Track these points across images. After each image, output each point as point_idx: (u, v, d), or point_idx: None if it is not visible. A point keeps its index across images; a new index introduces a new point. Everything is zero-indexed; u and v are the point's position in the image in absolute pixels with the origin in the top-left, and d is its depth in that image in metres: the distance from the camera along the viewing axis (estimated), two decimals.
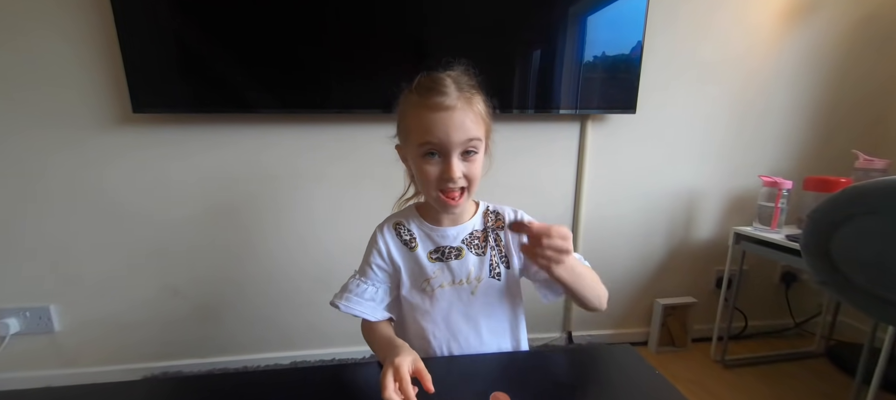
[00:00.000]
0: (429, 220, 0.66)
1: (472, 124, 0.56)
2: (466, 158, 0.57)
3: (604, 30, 1.25)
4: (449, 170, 0.56)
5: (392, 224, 0.68)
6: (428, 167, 0.57)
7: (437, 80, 0.56)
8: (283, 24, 1.14)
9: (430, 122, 0.54)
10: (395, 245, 0.66)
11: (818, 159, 1.50)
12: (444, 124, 0.54)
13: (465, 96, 0.56)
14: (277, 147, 1.27)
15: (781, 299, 1.62)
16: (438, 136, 0.54)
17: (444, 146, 0.55)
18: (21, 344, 1.29)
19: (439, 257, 0.64)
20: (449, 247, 0.64)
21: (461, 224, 0.65)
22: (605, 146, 1.41)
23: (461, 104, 0.55)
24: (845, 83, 1.45)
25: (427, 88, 0.55)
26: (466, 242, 0.65)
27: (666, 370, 1.39)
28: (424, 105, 0.55)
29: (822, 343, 1.51)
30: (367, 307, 0.63)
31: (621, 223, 1.48)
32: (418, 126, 0.56)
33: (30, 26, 1.10)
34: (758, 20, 1.37)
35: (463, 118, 0.55)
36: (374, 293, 0.65)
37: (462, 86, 0.56)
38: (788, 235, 1.22)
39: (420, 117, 0.55)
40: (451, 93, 0.54)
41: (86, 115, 1.17)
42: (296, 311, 1.39)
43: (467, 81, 0.58)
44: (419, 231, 0.66)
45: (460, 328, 0.65)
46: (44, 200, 1.21)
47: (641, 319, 1.59)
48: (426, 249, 0.65)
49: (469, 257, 0.64)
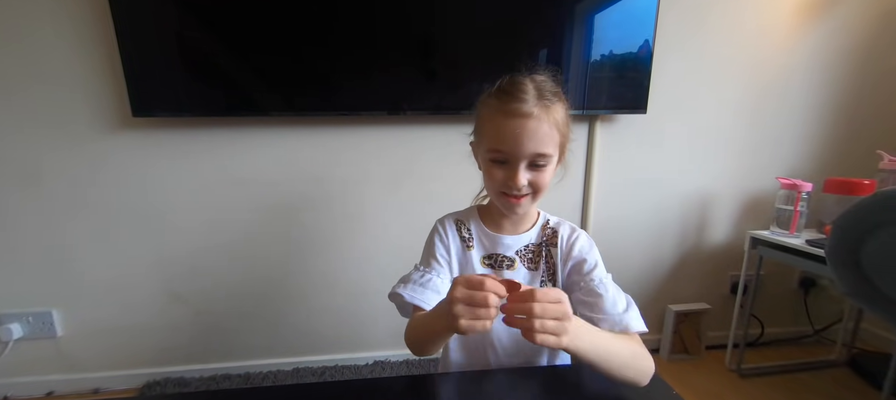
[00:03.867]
0: (488, 224, 0.66)
1: (546, 136, 0.54)
2: (535, 168, 0.56)
3: (612, 28, 1.22)
4: (514, 177, 0.55)
5: (453, 219, 0.67)
6: (495, 171, 0.57)
7: (518, 84, 0.55)
8: (288, 24, 1.12)
9: (503, 129, 0.54)
10: (454, 240, 0.65)
11: (839, 160, 1.43)
12: (517, 132, 0.53)
13: (545, 105, 0.54)
14: (281, 150, 1.25)
15: (800, 305, 1.56)
16: (509, 144, 0.54)
17: (512, 156, 0.55)
18: (24, 349, 1.28)
19: (491, 264, 0.64)
20: (503, 255, 0.64)
21: (519, 234, 0.64)
22: (614, 147, 1.37)
23: (538, 112, 0.53)
24: (867, 80, 1.39)
25: (506, 93, 0.55)
26: (521, 253, 0.64)
27: (679, 380, 1.36)
28: (501, 110, 0.54)
29: (843, 352, 1.44)
30: (432, 298, 0.59)
31: (631, 226, 1.44)
32: (492, 130, 0.56)
33: (27, 27, 1.09)
34: (774, 15, 1.32)
35: (537, 128, 0.53)
36: (439, 284, 0.62)
37: (543, 93, 0.55)
38: (809, 239, 1.16)
39: (495, 121, 0.55)
40: (529, 100, 0.53)
41: (87, 119, 1.16)
42: (299, 316, 1.36)
43: (551, 88, 0.56)
44: (477, 233, 0.65)
45: (501, 340, 0.63)
46: (46, 205, 1.20)
47: (653, 325, 1.54)
48: (481, 253, 0.64)
49: (520, 270, 0.63)
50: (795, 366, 1.41)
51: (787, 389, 1.30)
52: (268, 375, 1.37)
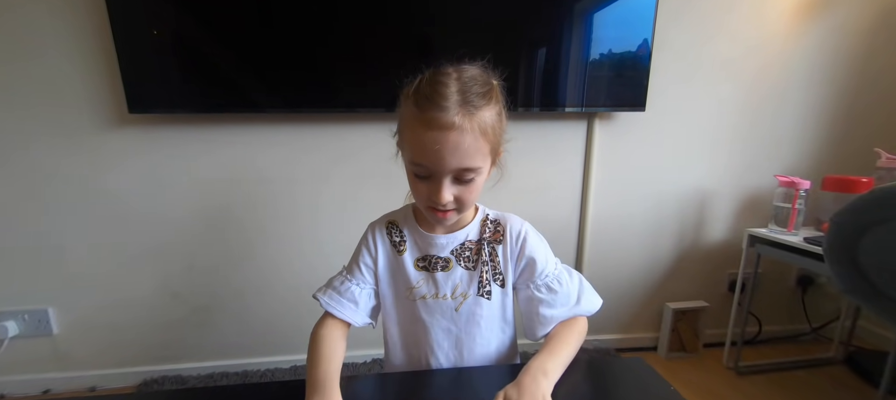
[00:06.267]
0: (422, 224, 0.61)
1: (471, 148, 0.48)
2: (461, 182, 0.51)
3: (611, 27, 1.22)
4: (438, 194, 0.50)
5: (385, 223, 0.64)
6: (419, 184, 0.53)
7: (439, 88, 0.47)
8: (285, 20, 1.11)
9: (423, 141, 0.48)
10: (383, 246, 0.62)
11: (837, 158, 1.44)
12: (437, 147, 0.47)
13: (468, 111, 0.47)
14: (278, 147, 1.24)
15: (797, 303, 1.56)
16: (430, 158, 0.48)
17: (434, 170, 0.50)
18: (20, 347, 1.28)
19: (425, 266, 0.60)
20: (436, 256, 0.60)
21: (454, 232, 0.60)
22: (613, 145, 1.36)
23: (461, 121, 0.47)
24: (865, 78, 1.39)
25: (426, 98, 0.47)
26: (456, 252, 0.60)
27: (677, 377, 1.36)
28: (419, 119, 0.48)
29: (840, 349, 1.45)
30: (348, 308, 0.59)
31: (630, 224, 1.44)
32: (412, 140, 0.50)
33: (24, 26, 1.08)
34: (773, 13, 1.31)
35: (460, 140, 0.47)
36: (357, 294, 0.60)
37: (468, 96, 0.48)
38: (807, 237, 1.16)
39: (414, 131, 0.49)
40: (450, 108, 0.46)
41: (82, 116, 1.15)
42: (296, 314, 1.36)
43: (478, 89, 0.49)
44: (410, 235, 0.62)
45: (441, 345, 0.61)
46: (41, 202, 1.20)
47: (651, 323, 1.54)
48: (413, 256, 0.61)
49: (457, 270, 0.60)
50: (793, 364, 1.42)
51: (784, 387, 1.30)
52: (266, 373, 1.37)
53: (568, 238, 1.41)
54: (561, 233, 1.40)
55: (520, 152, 1.32)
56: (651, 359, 1.46)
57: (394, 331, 0.64)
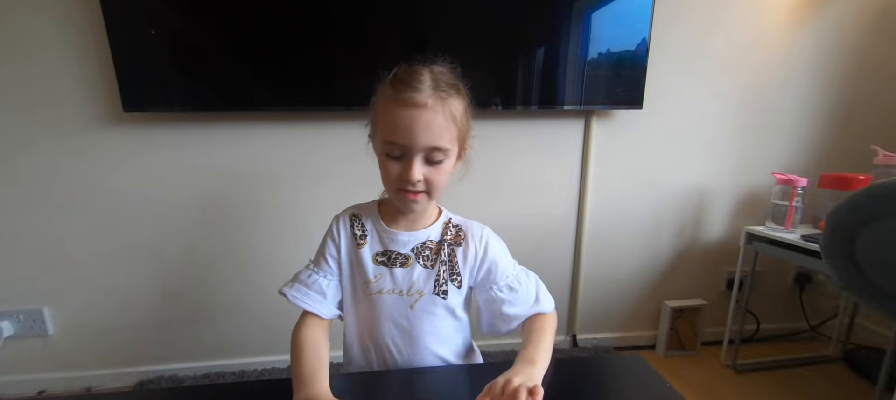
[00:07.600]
0: (385, 219, 0.63)
1: (441, 128, 0.52)
2: (431, 164, 0.54)
3: (609, 26, 1.22)
4: (409, 172, 0.53)
5: (349, 215, 0.65)
6: (390, 165, 0.55)
7: (414, 73, 0.53)
8: (282, 16, 1.10)
9: (397, 119, 0.52)
10: (346, 237, 0.63)
11: (834, 155, 1.44)
12: (411, 123, 0.51)
13: (440, 96, 0.52)
14: (276, 147, 1.24)
15: (795, 301, 1.56)
16: (403, 135, 0.52)
17: (407, 148, 0.53)
18: (14, 347, 1.27)
19: (384, 262, 0.61)
20: (397, 253, 0.61)
21: (416, 230, 0.62)
22: (610, 143, 1.36)
23: (434, 103, 0.52)
24: (862, 76, 1.39)
25: (401, 82, 0.52)
26: (416, 250, 0.61)
27: (675, 375, 1.36)
28: (395, 99, 0.52)
29: (838, 347, 1.45)
30: (315, 301, 0.60)
31: (628, 222, 1.44)
32: (386, 121, 0.54)
33: (20, 25, 1.07)
34: (769, 12, 1.32)
35: (432, 119, 0.52)
36: (324, 286, 0.61)
37: (440, 84, 0.53)
38: (804, 235, 1.16)
39: (389, 112, 0.53)
40: (424, 90, 0.51)
41: (77, 115, 1.14)
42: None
43: (447, 80, 0.54)
44: (372, 229, 0.63)
45: (395, 340, 0.61)
46: (36, 201, 1.19)
47: (649, 321, 1.54)
48: (374, 250, 0.62)
49: (415, 268, 0.61)
50: (791, 361, 1.42)
51: (782, 385, 1.31)
52: (263, 372, 1.36)
53: (566, 236, 1.41)
54: (559, 231, 1.40)
55: (517, 150, 1.33)
56: (649, 357, 1.46)
57: (351, 323, 0.64)
